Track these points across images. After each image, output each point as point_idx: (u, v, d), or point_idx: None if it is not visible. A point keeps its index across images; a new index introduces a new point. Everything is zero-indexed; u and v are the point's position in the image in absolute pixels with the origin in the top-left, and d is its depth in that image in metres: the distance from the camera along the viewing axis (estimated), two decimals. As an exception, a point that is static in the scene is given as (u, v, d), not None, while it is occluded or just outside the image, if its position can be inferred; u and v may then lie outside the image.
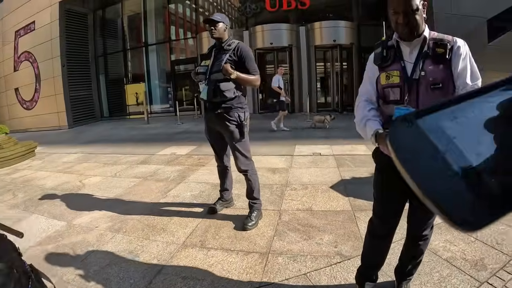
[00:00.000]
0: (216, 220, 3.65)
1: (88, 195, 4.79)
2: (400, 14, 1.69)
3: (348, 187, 4.64)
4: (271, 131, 10.09)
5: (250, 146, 3.65)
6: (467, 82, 1.69)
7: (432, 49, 1.73)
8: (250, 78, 3.43)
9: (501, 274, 2.61)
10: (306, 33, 15.39)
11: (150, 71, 18.34)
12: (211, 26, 3.43)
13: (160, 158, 6.94)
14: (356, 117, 1.93)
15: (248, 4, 16.11)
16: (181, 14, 18.73)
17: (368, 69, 1.99)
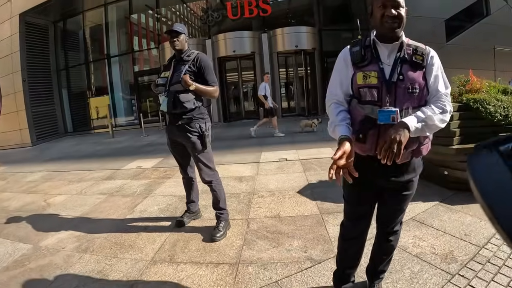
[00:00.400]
0: (184, 233, 3.69)
1: (54, 215, 4.73)
2: (389, 7, 1.79)
3: (315, 191, 4.78)
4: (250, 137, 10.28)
5: (213, 156, 3.69)
6: (439, 89, 1.84)
7: (410, 56, 1.84)
8: (209, 89, 3.45)
9: (471, 265, 2.76)
10: (268, 39, 15.61)
11: (114, 83, 18.01)
12: (174, 38, 3.43)
13: (126, 172, 6.91)
14: (330, 118, 1.95)
15: (210, 13, 16.18)
16: (143, 24, 18.59)
17: (339, 68, 2.00)
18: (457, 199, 4.27)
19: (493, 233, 3.31)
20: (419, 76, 1.83)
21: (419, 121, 1.73)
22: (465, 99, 4.78)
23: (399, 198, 2.07)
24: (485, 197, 0.47)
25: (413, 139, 1.77)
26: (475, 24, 14.97)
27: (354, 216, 2.24)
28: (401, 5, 1.81)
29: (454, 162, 4.57)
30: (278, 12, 17.51)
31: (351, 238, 2.29)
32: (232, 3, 16.03)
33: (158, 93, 3.57)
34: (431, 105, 1.79)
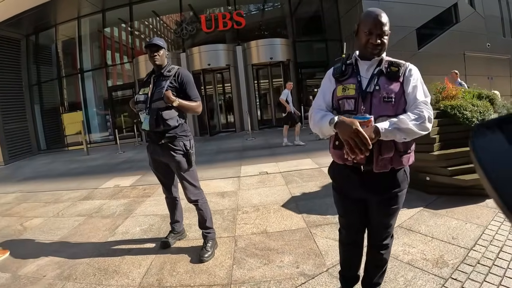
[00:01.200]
0: (170, 255, 3.57)
1: (31, 239, 4.53)
2: (375, 36, 1.92)
3: (300, 204, 4.77)
4: (286, 146, 10.13)
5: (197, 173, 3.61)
6: (418, 97, 1.89)
7: (387, 68, 1.97)
8: (192, 105, 3.37)
9: (462, 267, 2.82)
10: (243, 52, 15.68)
11: (87, 98, 17.58)
12: (154, 52, 3.33)
13: (103, 192, 6.73)
14: (311, 120, 2.03)
15: (184, 26, 16.16)
16: (117, 38, 18.32)
17: (324, 84, 2.14)
18: (440, 203, 4.39)
19: (480, 235, 3.41)
20: (396, 87, 1.92)
21: (391, 124, 1.78)
22: (442, 106, 4.89)
23: (383, 213, 2.10)
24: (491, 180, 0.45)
25: (388, 144, 1.84)
26: (445, 31, 15.50)
27: (345, 225, 2.32)
28: (386, 34, 1.95)
29: (435, 167, 4.66)
30: (252, 25, 17.70)
31: (348, 243, 2.37)
32: (206, 16, 16.05)
33: (138, 110, 3.44)
34: (409, 113, 1.85)
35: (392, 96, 1.89)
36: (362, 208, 2.17)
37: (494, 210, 4.03)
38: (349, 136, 1.71)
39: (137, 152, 12.13)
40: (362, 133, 1.69)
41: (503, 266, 2.83)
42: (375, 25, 1.92)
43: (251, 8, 18.57)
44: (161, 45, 3.37)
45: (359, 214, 2.20)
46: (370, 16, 1.94)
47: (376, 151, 1.86)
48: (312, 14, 18.01)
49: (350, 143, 1.72)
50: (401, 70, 1.95)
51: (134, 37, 17.78)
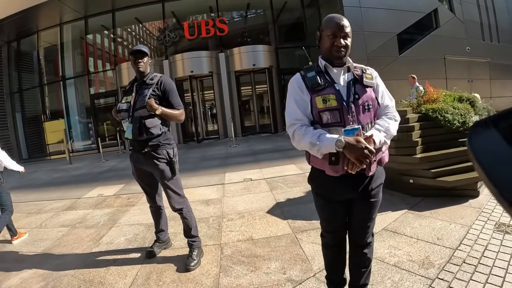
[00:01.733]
0: (156, 265, 3.52)
1: (14, 252, 4.41)
2: (339, 38, 1.97)
3: (285, 210, 4.77)
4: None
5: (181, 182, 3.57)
6: (387, 103, 2.07)
7: (360, 76, 2.03)
8: (175, 113, 3.34)
9: (448, 267, 2.86)
10: (226, 59, 15.72)
11: (69, 106, 17.40)
12: (139, 58, 3.30)
13: (87, 201, 6.62)
14: (303, 139, 1.93)
15: (167, 33, 16.14)
16: (99, 44, 18.16)
17: (294, 93, 2.05)
18: (424, 205, 4.45)
19: (464, 235, 3.46)
20: (371, 93, 2.02)
21: (383, 134, 1.92)
22: (424, 109, 4.96)
23: (368, 207, 2.15)
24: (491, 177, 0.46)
25: (377, 150, 1.93)
26: (426, 36, 15.76)
27: (329, 229, 2.32)
28: (349, 36, 2.01)
29: (419, 170, 4.73)
30: (235, 32, 17.78)
31: (331, 246, 2.37)
32: (189, 23, 16.04)
33: (121, 119, 3.39)
34: (384, 117, 1.98)
35: (370, 103, 1.99)
36: (346, 210, 2.20)
37: (478, 210, 4.11)
38: (360, 155, 1.78)
39: (121, 161, 12.00)
40: (371, 149, 1.79)
41: (489, 264, 2.87)
42: (338, 28, 1.97)
43: (234, 15, 18.66)
44: (146, 52, 3.35)
45: (343, 216, 2.23)
46: (332, 21, 2.00)
47: (371, 159, 1.90)
48: (294, 20, 18.14)
49: (360, 159, 1.79)
50: (373, 76, 2.06)
51: (117, 44, 17.68)
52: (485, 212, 4.05)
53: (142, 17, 17.52)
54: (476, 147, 0.50)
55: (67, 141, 14.72)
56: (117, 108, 3.43)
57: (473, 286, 2.58)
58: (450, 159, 4.73)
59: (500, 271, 2.75)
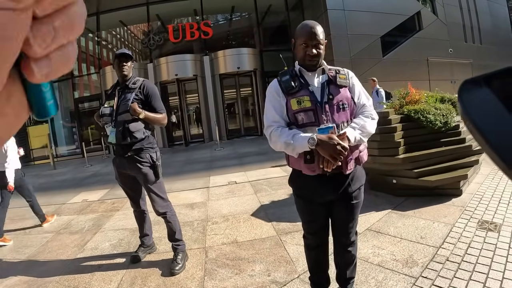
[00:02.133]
0: (141, 269, 3.49)
1: None
2: (311, 47, 2.01)
3: (269, 212, 4.78)
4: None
5: (164, 185, 3.55)
6: (364, 102, 2.09)
7: (334, 77, 2.07)
8: (158, 117, 3.33)
9: (432, 265, 2.90)
10: (210, 62, 15.73)
11: (53, 110, 17.13)
12: (124, 62, 3.27)
13: (71, 207, 6.54)
14: (279, 140, 2.00)
15: (152, 36, 16.07)
16: (83, 47, 17.96)
17: (271, 98, 2.14)
18: (408, 205, 4.50)
19: (447, 233, 3.51)
20: (346, 93, 2.06)
21: (358, 131, 1.95)
22: (406, 110, 5.02)
23: (349, 208, 2.18)
24: (485, 135, 0.45)
25: (353, 147, 1.99)
26: (409, 38, 15.99)
27: (311, 230, 2.35)
28: (321, 43, 2.04)
29: (401, 170, 4.78)
30: (219, 35, 17.78)
31: (314, 248, 2.40)
32: (173, 26, 16.00)
33: (103, 124, 3.35)
34: (360, 116, 2.01)
35: (345, 103, 2.03)
36: (327, 211, 2.23)
37: (461, 208, 4.17)
38: (333, 151, 1.81)
39: (105, 165, 11.88)
40: (345, 146, 1.82)
41: (472, 261, 2.92)
42: (310, 37, 2.01)
43: (219, 18, 18.70)
44: (131, 56, 3.34)
45: (325, 218, 2.26)
46: (304, 29, 2.04)
47: (345, 156, 1.93)
48: (279, 23, 18.24)
49: (333, 156, 1.82)
50: (347, 77, 2.10)
51: (101, 47, 17.54)
52: (468, 210, 4.11)
53: (126, 20, 17.43)
54: (468, 103, 0.48)
55: (51, 146, 14.53)
56: (99, 113, 3.40)
57: (457, 284, 2.62)
58: (432, 159, 4.80)
59: (483, 268, 2.80)
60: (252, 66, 15.94)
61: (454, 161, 4.84)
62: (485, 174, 5.55)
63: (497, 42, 20.18)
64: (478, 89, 0.49)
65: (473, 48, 18.80)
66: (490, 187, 4.91)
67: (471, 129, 0.46)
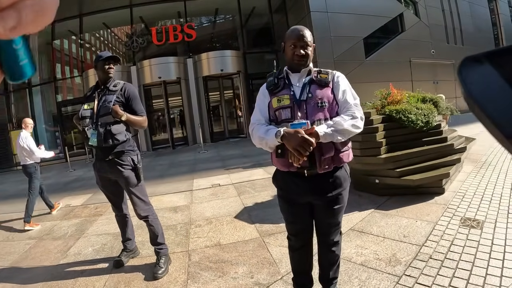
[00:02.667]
0: (124, 274, 3.45)
1: None
2: (299, 48, 2.08)
3: (252, 214, 4.78)
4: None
5: (146, 188, 3.53)
6: (348, 101, 2.08)
7: (316, 76, 2.13)
8: (139, 119, 3.31)
9: (415, 263, 2.92)
10: (193, 64, 15.70)
11: (36, 114, 16.89)
12: (112, 65, 3.27)
13: (54, 212, 6.43)
14: (256, 135, 2.11)
15: (135, 38, 15.97)
16: (66, 50, 17.77)
17: (258, 99, 2.26)
18: (390, 204, 4.55)
19: (430, 231, 3.56)
20: (327, 92, 2.09)
21: (328, 127, 1.94)
22: (387, 110, 5.07)
23: (329, 212, 2.19)
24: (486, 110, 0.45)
25: (327, 145, 1.98)
26: (392, 40, 16.18)
27: (293, 231, 2.37)
28: (309, 45, 2.11)
29: (384, 170, 4.83)
30: (203, 37, 17.78)
31: (297, 249, 2.41)
32: (157, 29, 15.92)
33: (84, 126, 3.30)
34: (342, 115, 2.02)
35: (325, 101, 2.06)
36: (309, 212, 2.25)
37: (443, 206, 4.23)
38: (297, 144, 1.82)
39: (89, 170, 11.72)
40: (308, 139, 1.82)
41: (455, 258, 2.96)
42: (298, 39, 2.09)
43: (203, 20, 18.68)
44: (119, 58, 3.35)
45: (307, 219, 2.28)
46: (293, 32, 2.13)
47: (318, 153, 1.97)
48: (262, 26, 18.29)
49: (298, 149, 1.83)
50: (329, 76, 2.13)
51: (84, 49, 17.36)
52: (450, 208, 4.16)
53: (110, 22, 17.29)
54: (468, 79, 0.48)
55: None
56: (79, 115, 3.35)
57: (440, 281, 2.65)
58: (414, 158, 4.85)
59: (466, 265, 2.84)
60: (236, 68, 15.95)
61: (436, 160, 4.91)
62: (467, 172, 5.64)
63: (478, 43, 20.53)
64: (479, 66, 0.49)
65: (455, 49, 19.11)
66: (472, 185, 4.99)
67: (471, 105, 0.47)
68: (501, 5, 24.16)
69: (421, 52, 16.91)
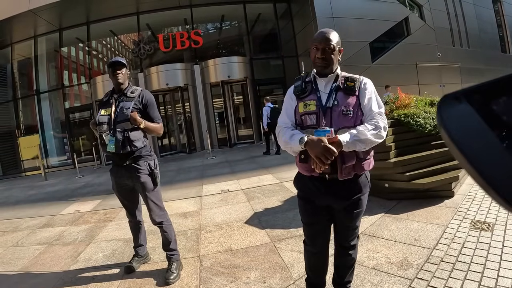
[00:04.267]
0: (136, 280, 3.45)
1: None
2: (319, 50, 2.09)
3: (263, 219, 4.78)
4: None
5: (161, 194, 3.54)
6: (373, 109, 2.08)
7: (344, 83, 2.13)
8: (156, 126, 3.34)
9: (427, 267, 2.92)
10: (201, 71, 15.74)
11: (44, 121, 16.97)
12: (118, 70, 3.26)
13: (63, 218, 6.46)
14: (281, 139, 2.15)
15: (142, 45, 16.05)
16: (74, 58, 17.87)
17: (285, 101, 2.28)
18: (400, 208, 4.54)
19: (441, 234, 3.55)
20: (353, 100, 2.09)
21: (351, 136, 1.95)
22: (396, 115, 5.06)
23: (349, 216, 2.21)
24: (463, 151, 0.46)
25: (350, 154, 2.01)
26: (398, 44, 16.17)
27: (310, 234, 2.37)
28: (331, 48, 2.11)
29: (393, 174, 4.81)
30: (210, 44, 17.88)
31: (313, 253, 2.43)
32: (164, 36, 16.01)
33: (100, 132, 3.30)
34: (365, 124, 2.02)
35: (350, 109, 2.06)
36: (327, 216, 2.26)
37: (453, 210, 4.22)
38: (319, 152, 1.86)
39: (97, 176, 11.81)
40: (330, 148, 1.84)
41: (467, 261, 2.96)
42: (320, 41, 2.09)
43: (209, 27, 18.76)
44: (124, 63, 3.34)
45: (325, 222, 2.29)
46: (318, 34, 2.14)
47: (340, 161, 1.99)
48: (268, 31, 18.34)
49: (320, 157, 1.86)
50: (356, 84, 2.12)
51: (92, 57, 17.47)
52: (460, 211, 4.16)
53: (117, 29, 17.40)
54: (447, 119, 0.50)
55: (42, 157, 14.38)
56: (95, 121, 3.34)
57: (452, 283, 2.65)
58: (423, 161, 4.84)
59: (478, 267, 2.84)
60: (243, 75, 15.94)
61: (445, 163, 4.89)
62: (476, 176, 5.60)
63: (484, 45, 20.49)
64: (458, 104, 0.50)
65: (461, 51, 19.04)
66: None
67: (448, 143, 0.48)
68: (506, 6, 24.04)
69: (427, 55, 16.85)
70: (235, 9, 17.05)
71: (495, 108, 0.48)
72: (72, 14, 15.34)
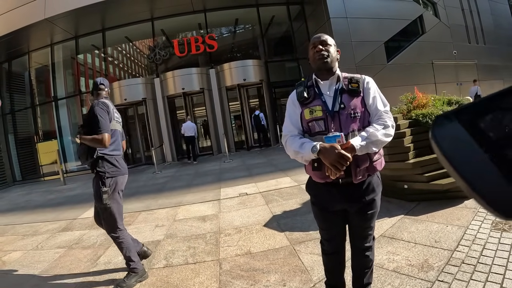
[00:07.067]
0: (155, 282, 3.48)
1: (12, 273, 4.33)
2: (318, 45, 2.13)
3: (281, 222, 4.76)
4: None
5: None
6: (379, 108, 2.07)
7: (347, 85, 2.10)
8: (89, 138, 3.47)
9: (448, 269, 2.87)
10: (216, 75, 15.82)
11: (62, 126, 17.24)
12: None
13: (83, 222, 6.54)
14: (290, 148, 2.09)
15: (157, 51, 16.17)
16: (90, 64, 18.17)
17: (289, 108, 2.24)
18: (420, 209, 4.48)
19: (462, 236, 3.49)
20: (358, 102, 2.08)
21: (363, 139, 1.93)
22: (414, 115, 5.01)
23: (364, 217, 2.19)
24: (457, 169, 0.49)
25: (363, 156, 1.99)
26: (413, 42, 16.01)
27: (326, 237, 2.38)
28: (328, 43, 2.16)
29: (412, 175, 4.75)
30: (224, 47, 17.97)
31: (330, 254, 2.42)
32: (178, 41, 16.13)
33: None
34: (373, 124, 2.01)
35: (357, 111, 2.04)
36: (342, 219, 2.25)
37: (474, 210, 4.13)
38: (334, 160, 1.84)
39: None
40: (345, 154, 1.83)
41: (488, 262, 2.90)
42: (317, 39, 2.18)
43: (223, 31, 18.85)
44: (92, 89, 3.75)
45: (340, 225, 2.29)
46: (314, 37, 2.22)
47: (354, 165, 1.96)
48: (282, 34, 18.39)
49: (335, 165, 1.84)
50: (360, 85, 2.11)
51: (108, 63, 17.70)
52: (481, 212, 4.07)
53: (132, 35, 17.60)
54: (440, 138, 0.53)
55: (60, 162, 14.60)
56: None
57: (473, 286, 2.60)
58: (442, 162, 4.77)
59: (499, 269, 2.78)
60: (258, 77, 15.96)
61: (465, 163, 4.81)
62: (497, 175, 5.50)
63: (500, 41, 20.16)
64: (449, 123, 0.53)
65: (477, 48, 18.78)
66: (502, 188, 4.87)
67: (440, 158, 0.51)
68: (521, 1, 23.66)
69: (443, 53, 16.65)
70: (248, 13, 17.10)
71: (482, 125, 0.51)
72: (87, 22, 15.56)
